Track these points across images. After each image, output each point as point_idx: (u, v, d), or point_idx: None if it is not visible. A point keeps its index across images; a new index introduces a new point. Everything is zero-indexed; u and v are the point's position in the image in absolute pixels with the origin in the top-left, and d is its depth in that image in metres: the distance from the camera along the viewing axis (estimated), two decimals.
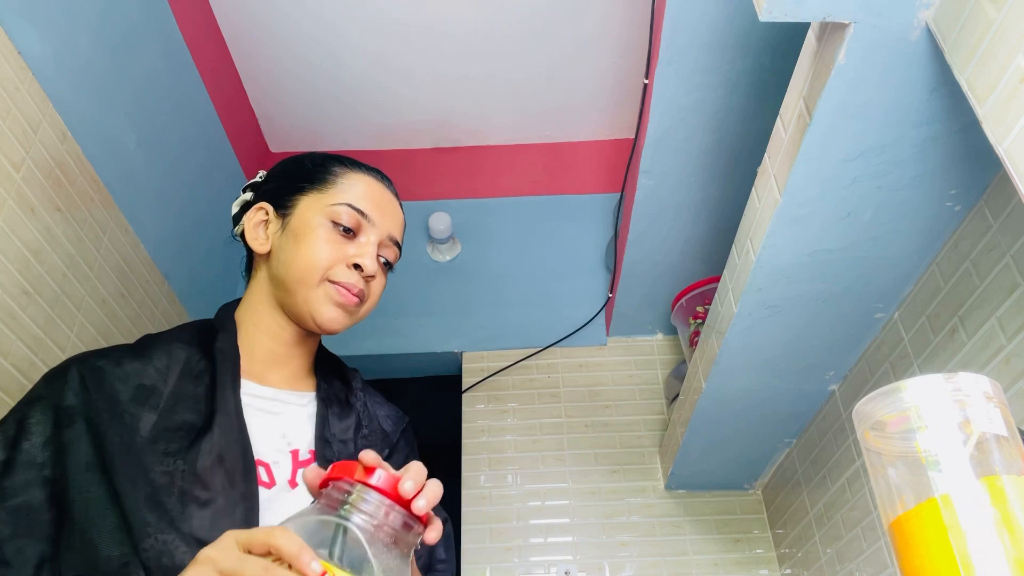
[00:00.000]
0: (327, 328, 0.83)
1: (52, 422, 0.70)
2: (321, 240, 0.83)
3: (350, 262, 0.83)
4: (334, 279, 0.83)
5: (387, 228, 0.88)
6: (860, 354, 1.32)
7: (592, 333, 2.03)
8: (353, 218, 0.85)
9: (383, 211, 0.88)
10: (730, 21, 1.24)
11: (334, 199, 0.85)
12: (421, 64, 1.98)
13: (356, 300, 0.83)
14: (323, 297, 0.82)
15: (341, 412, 0.87)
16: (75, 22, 1.32)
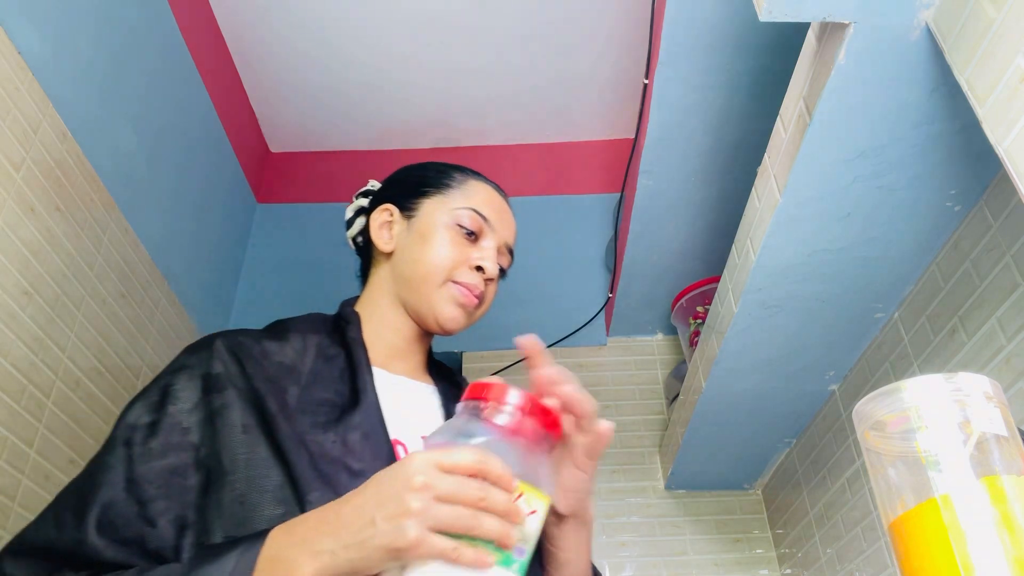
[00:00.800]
0: (447, 327, 0.86)
1: (200, 389, 0.74)
2: (447, 241, 0.86)
3: (473, 264, 0.86)
4: (457, 280, 0.85)
5: (505, 235, 0.91)
6: (860, 354, 1.32)
7: (592, 333, 2.03)
8: (476, 222, 0.87)
9: (502, 218, 0.91)
10: (730, 21, 1.24)
11: (458, 203, 0.88)
12: (421, 64, 1.98)
13: (476, 301, 0.86)
14: (447, 297, 0.85)
15: (452, 401, 0.89)
16: (75, 22, 1.32)
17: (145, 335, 1.53)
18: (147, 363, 1.53)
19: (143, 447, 0.71)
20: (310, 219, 2.16)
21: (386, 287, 0.90)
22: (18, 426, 1.15)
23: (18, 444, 1.15)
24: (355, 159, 2.25)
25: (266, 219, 2.17)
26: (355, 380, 0.80)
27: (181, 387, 0.75)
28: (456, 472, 0.54)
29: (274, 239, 2.13)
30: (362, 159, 2.24)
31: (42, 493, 1.19)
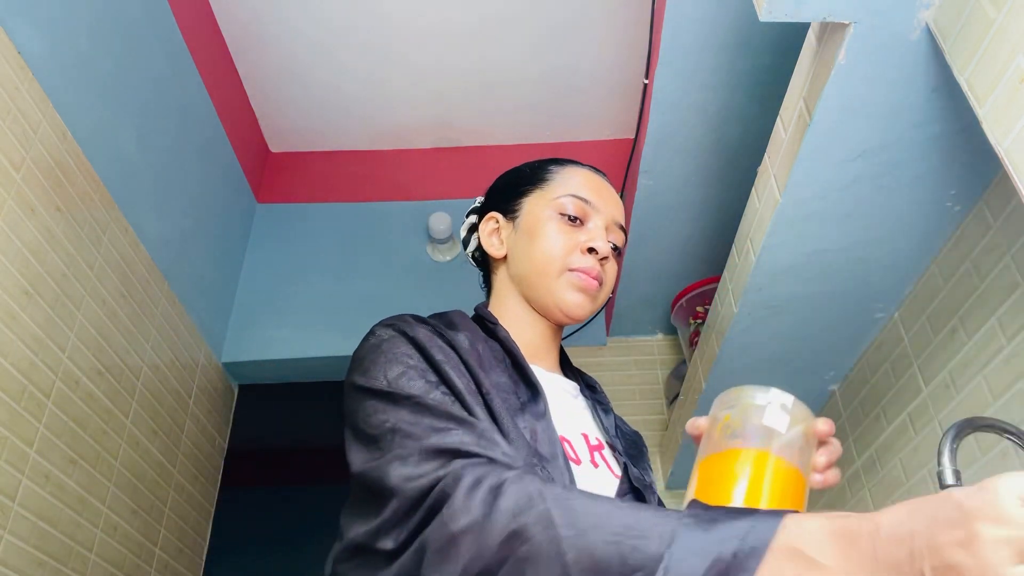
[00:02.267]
0: (574, 314, 0.86)
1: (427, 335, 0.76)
2: (553, 232, 0.86)
3: (584, 247, 0.86)
4: (572, 266, 0.85)
5: (610, 212, 0.90)
6: (860, 354, 1.32)
7: (592, 333, 2.03)
8: (577, 206, 0.87)
9: (603, 197, 0.90)
10: (730, 21, 1.24)
11: (556, 192, 0.89)
12: (421, 64, 1.98)
13: (596, 283, 0.85)
14: (566, 285, 0.85)
15: (602, 408, 0.91)
16: (75, 22, 1.32)
17: (145, 335, 1.53)
18: (147, 363, 1.53)
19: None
20: (310, 219, 2.16)
21: (509, 290, 0.91)
22: (18, 426, 1.15)
23: (18, 444, 1.15)
24: (355, 159, 2.25)
25: (266, 219, 2.17)
26: (525, 373, 0.81)
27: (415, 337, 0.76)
28: None
29: (274, 239, 2.13)
30: (362, 159, 2.24)
31: (42, 493, 1.20)
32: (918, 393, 1.16)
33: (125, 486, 1.44)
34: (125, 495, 1.44)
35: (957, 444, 0.82)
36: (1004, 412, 0.96)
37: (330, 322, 1.92)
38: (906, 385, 1.19)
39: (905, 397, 1.20)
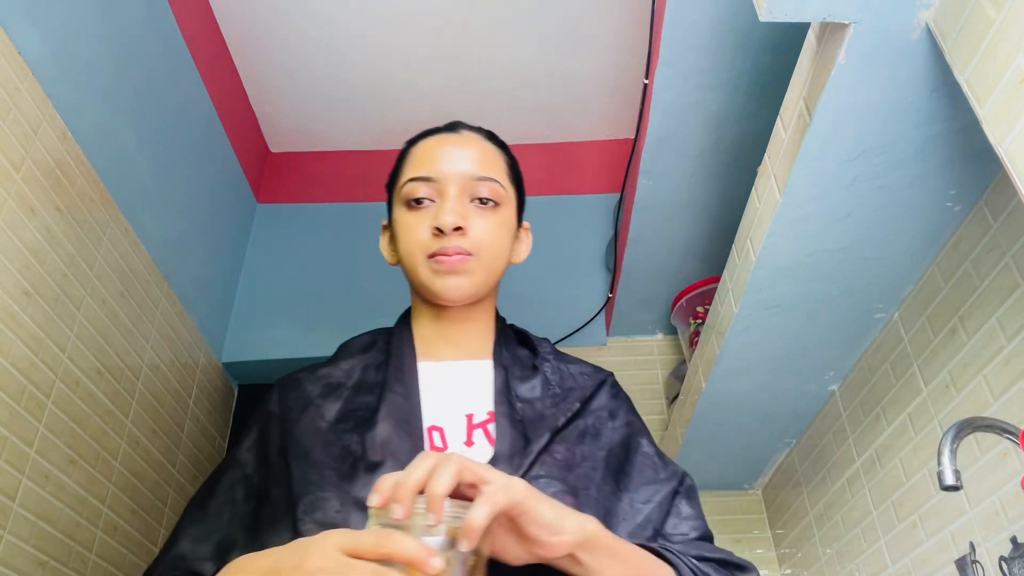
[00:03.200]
0: (452, 297, 0.83)
1: (258, 428, 0.84)
2: (406, 225, 0.85)
3: (432, 230, 0.83)
4: (429, 252, 0.83)
5: (455, 173, 0.84)
6: (860, 354, 1.32)
7: (592, 333, 2.03)
8: (414, 188, 0.84)
9: (445, 159, 0.86)
10: (730, 21, 1.24)
11: (400, 182, 0.87)
12: (421, 64, 1.98)
13: (456, 259, 0.82)
14: (431, 274, 0.83)
15: (524, 375, 0.87)
16: (75, 23, 1.32)
17: (145, 335, 1.53)
18: (147, 363, 1.53)
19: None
20: (310, 219, 2.16)
21: (412, 289, 0.91)
22: (18, 426, 1.15)
23: (18, 444, 1.15)
24: (355, 159, 2.25)
25: (266, 219, 2.17)
26: (385, 379, 0.83)
27: (249, 430, 0.86)
28: (358, 553, 0.54)
29: (274, 239, 2.13)
30: (362, 159, 2.24)
31: (42, 493, 1.20)
32: (918, 393, 1.16)
33: (125, 486, 1.44)
34: (125, 495, 1.44)
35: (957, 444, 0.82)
36: (1004, 412, 0.96)
37: (330, 322, 1.92)
38: (906, 385, 1.19)
39: (905, 397, 1.20)
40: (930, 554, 1.13)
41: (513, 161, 0.94)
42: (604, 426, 0.85)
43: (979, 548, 1.02)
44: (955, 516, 1.07)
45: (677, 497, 0.85)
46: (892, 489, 1.24)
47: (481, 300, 0.89)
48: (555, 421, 0.81)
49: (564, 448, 0.80)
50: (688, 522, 0.84)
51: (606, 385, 0.91)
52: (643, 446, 0.87)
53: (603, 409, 0.87)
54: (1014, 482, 0.95)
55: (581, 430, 0.83)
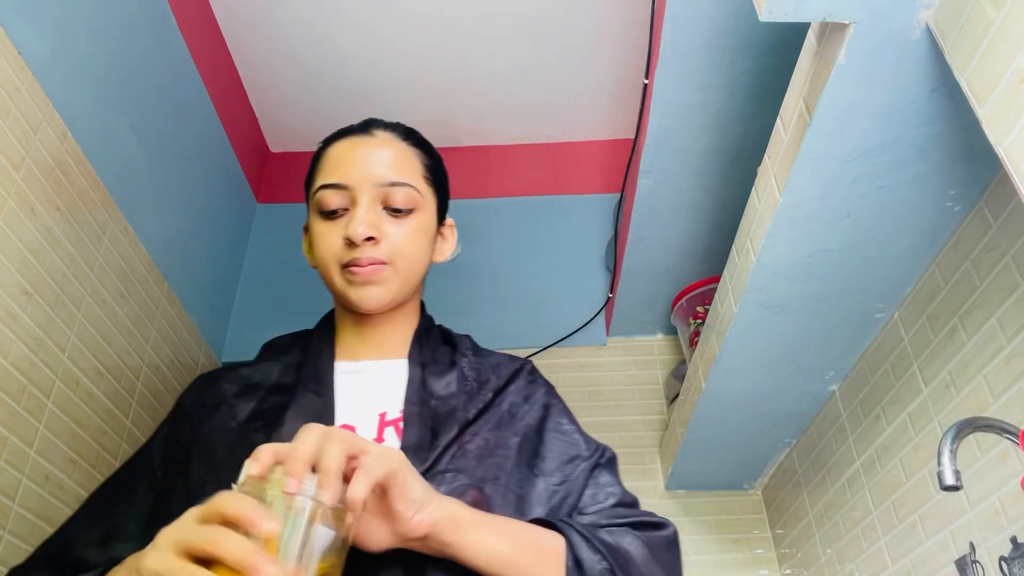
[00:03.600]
0: (369, 308, 0.83)
1: (171, 422, 0.86)
2: (320, 234, 0.83)
3: (345, 241, 0.81)
4: (343, 263, 0.82)
5: (366, 179, 0.82)
6: (860, 354, 1.32)
7: (592, 333, 2.03)
8: (326, 198, 0.82)
9: (357, 164, 0.83)
10: (730, 21, 1.24)
11: (313, 189, 0.84)
12: (421, 64, 1.98)
13: (369, 270, 0.80)
14: (346, 285, 0.82)
15: (440, 371, 0.86)
16: (75, 22, 1.32)
17: (145, 335, 1.53)
18: (147, 363, 1.53)
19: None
20: None
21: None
22: (18, 426, 1.15)
23: (18, 444, 1.15)
24: None
25: (266, 219, 2.17)
26: (299, 379, 0.83)
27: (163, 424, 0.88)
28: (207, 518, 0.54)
29: (274, 239, 2.13)
30: None
31: (42, 493, 1.20)
32: (918, 393, 1.16)
33: None
34: None
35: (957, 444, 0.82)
36: (1004, 412, 0.96)
37: None
38: (906, 385, 1.19)
39: (905, 397, 1.20)
40: (930, 554, 1.13)
41: (433, 160, 0.91)
42: (518, 411, 0.85)
43: (979, 548, 1.02)
44: (955, 516, 1.07)
45: (596, 469, 0.84)
46: (892, 489, 1.24)
47: (402, 304, 0.88)
48: (466, 414, 0.81)
49: (477, 439, 0.80)
50: (605, 489, 0.82)
51: (523, 372, 0.91)
52: (562, 425, 0.86)
53: (518, 394, 0.87)
54: (1014, 482, 0.95)
55: (496, 419, 0.83)
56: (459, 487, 0.74)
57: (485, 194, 2.22)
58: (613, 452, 0.88)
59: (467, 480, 0.75)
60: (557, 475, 0.81)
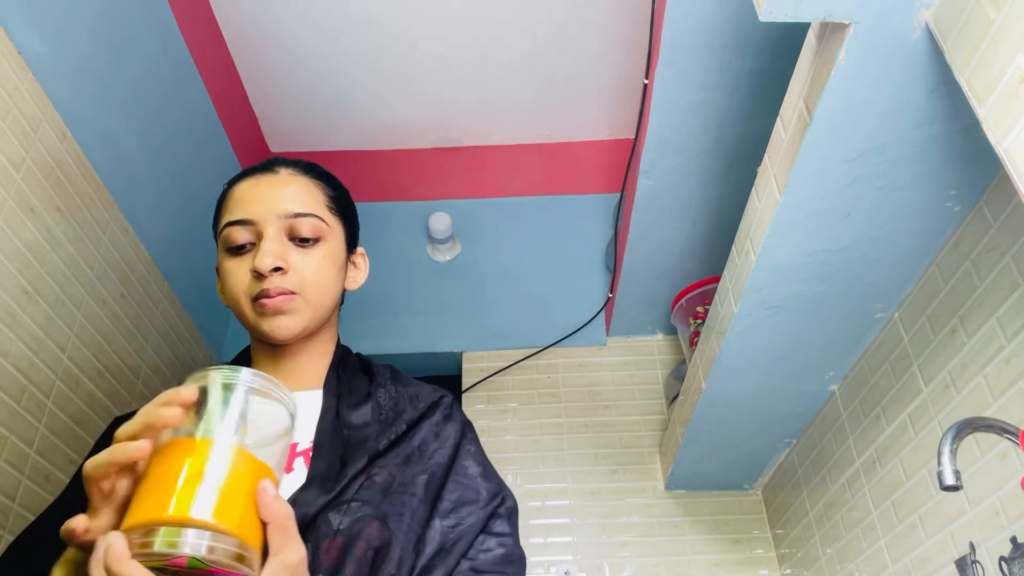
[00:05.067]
0: (280, 338, 0.83)
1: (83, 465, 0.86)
2: (228, 272, 0.84)
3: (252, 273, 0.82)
4: (253, 296, 0.82)
5: (271, 212, 0.82)
6: (860, 354, 1.32)
7: (592, 333, 2.03)
8: (232, 235, 0.83)
9: (260, 200, 0.84)
10: (730, 21, 1.24)
11: (219, 228, 0.85)
12: (421, 64, 1.98)
13: (279, 300, 0.81)
14: (257, 318, 0.83)
15: (355, 402, 0.87)
16: (75, 23, 1.32)
17: (145, 335, 1.53)
18: (147, 363, 1.53)
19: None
20: None
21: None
22: (18, 426, 1.15)
23: (18, 444, 1.15)
24: (355, 159, 2.25)
25: None
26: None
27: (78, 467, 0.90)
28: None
29: None
30: (362, 159, 2.24)
31: (42, 493, 1.19)
32: (918, 393, 1.16)
33: None
34: None
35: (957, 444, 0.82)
36: (1004, 412, 0.96)
37: None
38: (906, 385, 1.19)
39: (905, 397, 1.20)
40: (930, 554, 1.13)
41: (337, 192, 0.92)
42: (428, 448, 0.86)
43: (979, 548, 1.02)
44: (955, 516, 1.07)
45: (492, 519, 0.85)
46: (892, 489, 1.24)
47: (316, 333, 0.89)
48: (377, 445, 0.82)
49: (384, 473, 0.81)
50: (497, 539, 0.84)
51: (440, 406, 0.91)
52: (468, 468, 0.87)
53: (431, 430, 0.88)
54: (1014, 482, 0.95)
55: (406, 454, 0.84)
56: (364, 517, 0.75)
57: (485, 194, 2.22)
58: (514, 502, 0.88)
59: (372, 512, 0.76)
60: (452, 517, 0.82)
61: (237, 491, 0.52)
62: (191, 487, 0.50)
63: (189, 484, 0.51)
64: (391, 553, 0.75)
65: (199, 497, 0.50)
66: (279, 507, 0.55)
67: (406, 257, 2.13)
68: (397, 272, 2.10)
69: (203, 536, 0.50)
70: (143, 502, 0.51)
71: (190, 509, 0.50)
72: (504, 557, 0.82)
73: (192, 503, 0.50)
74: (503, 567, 0.81)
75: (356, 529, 0.74)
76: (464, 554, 0.80)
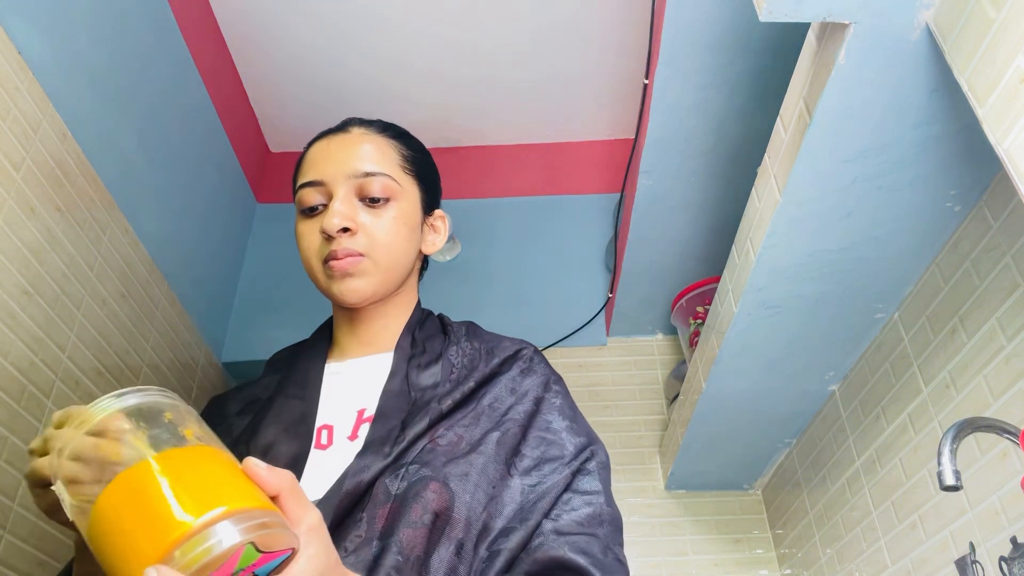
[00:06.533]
0: (349, 301, 0.82)
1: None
2: (302, 234, 0.84)
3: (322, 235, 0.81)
4: (323, 259, 0.81)
5: (341, 173, 0.81)
6: (860, 354, 1.32)
7: (592, 333, 2.03)
8: (304, 197, 0.83)
9: (331, 160, 0.83)
10: (730, 21, 1.24)
11: (294, 191, 0.86)
12: (421, 64, 1.98)
13: (347, 262, 0.80)
14: (328, 280, 0.82)
15: (427, 362, 0.84)
16: (75, 22, 1.32)
17: (145, 335, 1.53)
18: (147, 363, 1.53)
19: None
20: None
21: None
22: (18, 426, 1.15)
23: (18, 444, 1.14)
24: None
25: (266, 219, 2.17)
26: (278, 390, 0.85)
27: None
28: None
29: (274, 239, 2.13)
30: None
31: None
32: (918, 393, 1.16)
33: None
34: None
35: (957, 444, 0.82)
36: (1004, 412, 0.96)
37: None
38: (906, 385, 1.19)
39: (905, 397, 1.20)
40: (930, 554, 1.13)
41: (413, 152, 0.89)
42: (502, 405, 0.81)
43: (979, 548, 1.02)
44: (955, 516, 1.07)
45: (579, 475, 0.78)
46: (892, 489, 1.24)
47: (392, 297, 0.87)
48: (440, 407, 0.78)
49: (451, 434, 0.76)
50: (582, 497, 0.76)
51: (518, 359, 0.86)
52: (552, 423, 0.81)
53: (506, 387, 0.83)
54: (1014, 482, 0.95)
55: (476, 413, 0.79)
56: (421, 479, 0.71)
57: (485, 194, 2.22)
58: (606, 456, 0.82)
59: (430, 473, 0.71)
60: (533, 475, 0.76)
61: (223, 476, 0.49)
62: (183, 495, 0.46)
63: (179, 494, 0.46)
64: (454, 515, 0.70)
65: (199, 497, 0.46)
66: (280, 476, 0.51)
67: None
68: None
69: (229, 525, 0.45)
70: (152, 537, 0.45)
71: (200, 509, 0.46)
72: (592, 517, 0.75)
73: (197, 504, 0.46)
74: (592, 528, 0.73)
75: (412, 492, 0.70)
76: (546, 514, 0.73)
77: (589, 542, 0.72)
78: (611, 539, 0.74)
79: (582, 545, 0.71)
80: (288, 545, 0.48)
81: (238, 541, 0.45)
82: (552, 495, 0.74)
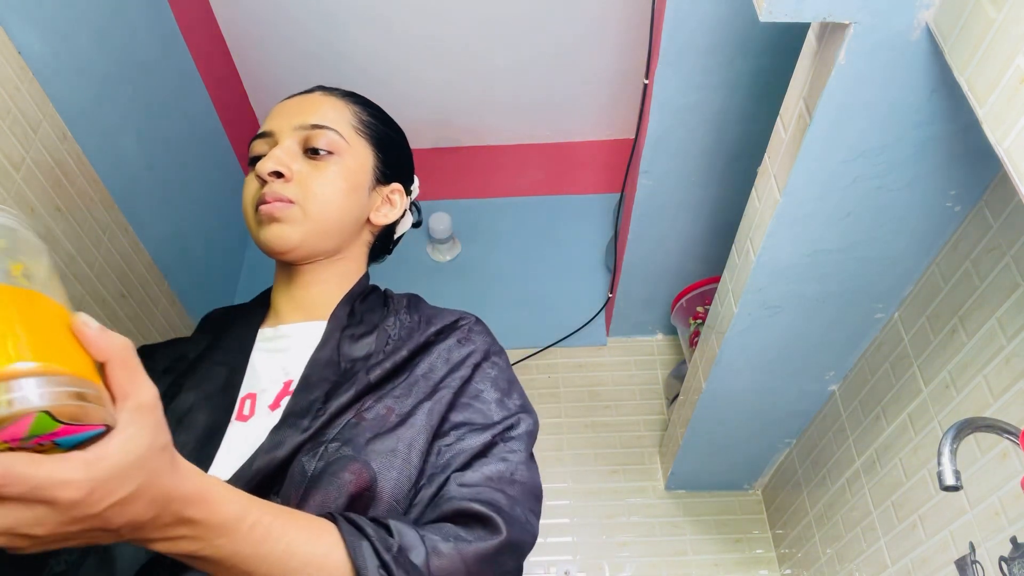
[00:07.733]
0: (275, 248, 0.80)
1: None
2: (244, 186, 0.83)
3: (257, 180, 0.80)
4: (255, 205, 0.80)
5: (289, 125, 0.80)
6: (860, 354, 1.32)
7: (592, 333, 2.03)
8: (253, 147, 0.82)
9: (283, 113, 0.82)
10: (730, 21, 1.24)
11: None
12: (421, 64, 1.98)
13: (275, 206, 0.78)
14: (256, 227, 0.81)
15: (362, 332, 0.81)
16: (75, 22, 1.32)
17: (145, 335, 1.53)
18: None
19: None
20: None
21: None
22: None
23: None
24: None
25: None
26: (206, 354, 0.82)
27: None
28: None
29: None
30: None
31: None
32: (918, 393, 1.16)
33: None
34: None
35: (957, 444, 0.82)
36: (1004, 412, 0.96)
37: None
38: (906, 385, 1.19)
39: (905, 397, 1.20)
40: (930, 554, 1.13)
41: (372, 118, 0.87)
42: (436, 374, 0.77)
43: (979, 548, 1.02)
44: (955, 516, 1.07)
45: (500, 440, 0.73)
46: (892, 489, 1.24)
47: (332, 262, 0.84)
48: (368, 377, 0.74)
49: (379, 407, 0.72)
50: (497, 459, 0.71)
51: (456, 329, 0.82)
52: (483, 392, 0.77)
53: (443, 356, 0.79)
54: (1014, 482, 0.95)
55: (409, 383, 0.75)
56: (340, 460, 0.66)
57: (485, 194, 2.22)
58: (534, 426, 0.77)
59: (351, 452, 0.67)
60: (451, 435, 0.72)
61: (41, 328, 0.41)
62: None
63: None
64: (377, 493, 0.65)
65: (4, 346, 0.39)
66: (111, 340, 0.45)
67: (406, 257, 2.12)
68: (397, 272, 2.10)
69: (32, 385, 0.39)
70: None
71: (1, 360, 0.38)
72: (503, 475, 0.70)
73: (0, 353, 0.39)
74: (501, 485, 0.68)
75: (328, 473, 0.65)
76: (457, 470, 0.69)
77: (494, 495, 0.67)
78: (521, 499, 0.70)
79: (486, 496, 0.67)
80: (101, 421, 0.43)
81: (34, 406, 0.39)
82: (466, 455, 0.70)
